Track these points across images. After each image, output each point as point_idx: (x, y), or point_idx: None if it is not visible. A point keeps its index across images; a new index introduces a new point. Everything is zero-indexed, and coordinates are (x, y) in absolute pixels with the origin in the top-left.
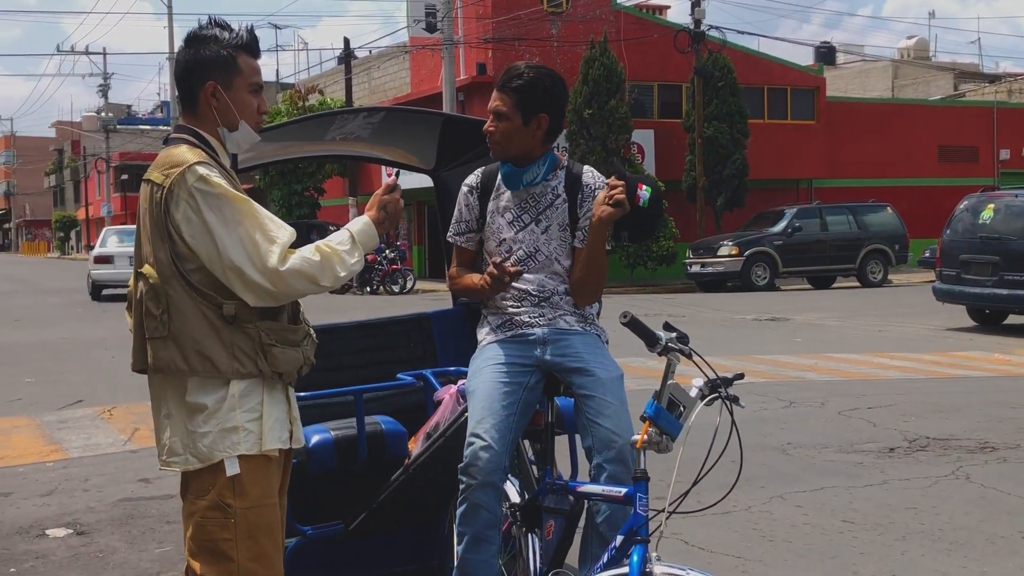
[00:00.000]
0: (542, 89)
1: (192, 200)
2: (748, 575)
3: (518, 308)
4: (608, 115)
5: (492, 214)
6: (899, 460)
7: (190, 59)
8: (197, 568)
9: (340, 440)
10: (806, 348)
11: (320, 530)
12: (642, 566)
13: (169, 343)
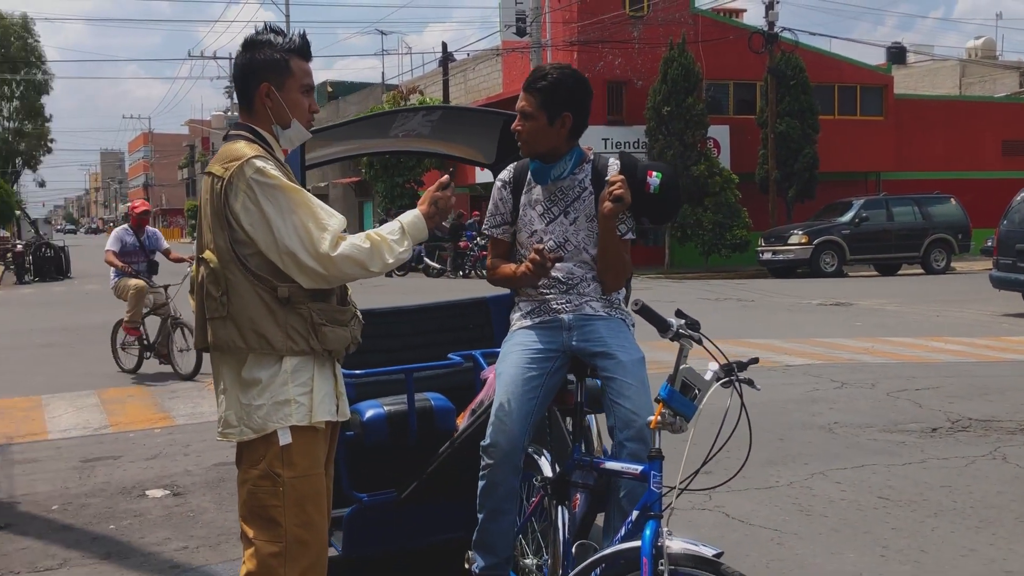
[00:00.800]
0: (566, 89)
1: (250, 191)
2: (783, 547)
3: (547, 295)
4: (685, 112)
5: (524, 207)
6: (940, 440)
7: (246, 62)
8: (250, 532)
9: (392, 415)
10: (865, 332)
11: (375, 497)
12: (654, 540)
13: (228, 323)
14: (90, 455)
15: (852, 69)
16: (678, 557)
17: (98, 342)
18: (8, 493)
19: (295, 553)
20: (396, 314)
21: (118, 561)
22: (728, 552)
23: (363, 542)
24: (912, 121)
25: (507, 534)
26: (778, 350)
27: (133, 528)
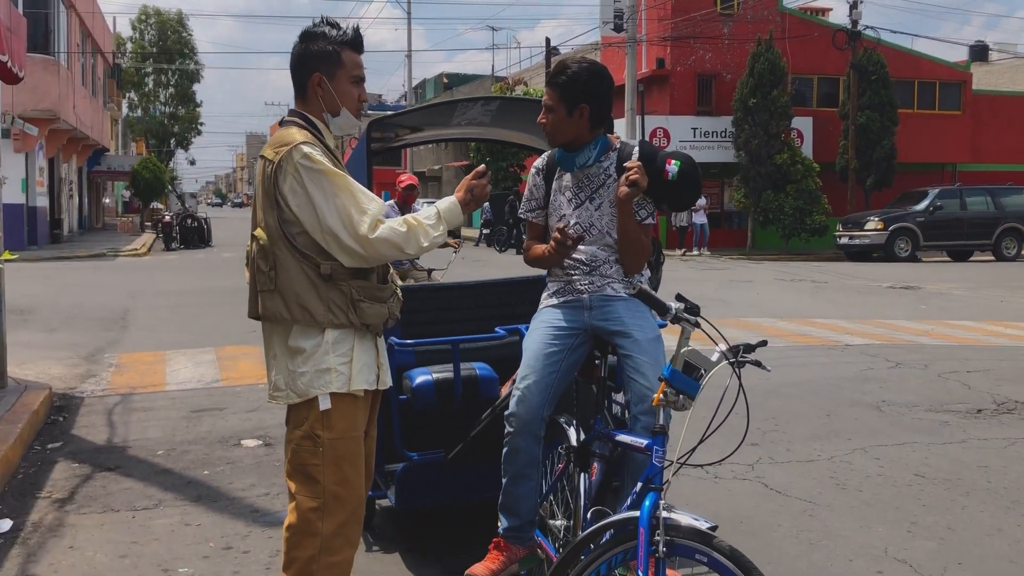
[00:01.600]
0: (582, 83)
1: (297, 174)
2: (815, 519)
3: (572, 276)
4: (771, 104)
5: (555, 193)
6: (983, 421)
7: (301, 52)
8: (292, 487)
9: (439, 382)
10: (928, 315)
11: (424, 457)
12: (652, 511)
13: (275, 295)
14: (199, 406)
15: (931, 65)
16: (673, 528)
17: (225, 304)
18: (123, 438)
19: (332, 508)
20: (459, 289)
21: (206, 504)
22: (761, 521)
23: (413, 496)
24: (989, 116)
25: (529, 498)
26: (840, 330)
27: (224, 474)
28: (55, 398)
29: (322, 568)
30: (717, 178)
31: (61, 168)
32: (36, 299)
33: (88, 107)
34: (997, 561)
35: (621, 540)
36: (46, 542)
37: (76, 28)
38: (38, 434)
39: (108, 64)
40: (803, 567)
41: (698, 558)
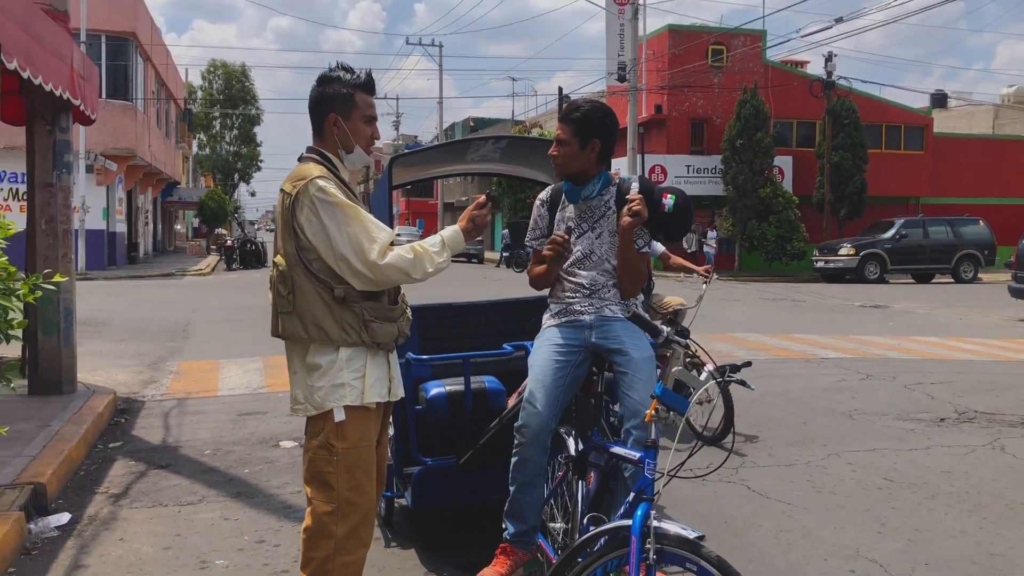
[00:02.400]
0: (595, 120)
1: (313, 206)
2: (792, 519)
3: (573, 298)
4: (755, 144)
5: (558, 223)
6: (946, 429)
7: (319, 95)
8: (309, 493)
9: (451, 394)
10: (896, 331)
11: (437, 462)
12: (644, 520)
13: (293, 317)
14: (245, 410)
15: (898, 111)
16: (663, 537)
17: None
18: (176, 438)
19: (345, 512)
20: (473, 308)
21: (244, 500)
22: (744, 521)
23: (428, 498)
24: (949, 155)
25: (535, 505)
26: (817, 344)
27: (262, 473)
28: (119, 402)
29: (336, 567)
30: (708, 209)
31: (138, 199)
32: (111, 313)
33: (162, 146)
34: (961, 562)
35: (615, 547)
36: (99, 534)
37: (152, 78)
38: (101, 434)
39: (180, 109)
40: (782, 565)
41: (688, 567)
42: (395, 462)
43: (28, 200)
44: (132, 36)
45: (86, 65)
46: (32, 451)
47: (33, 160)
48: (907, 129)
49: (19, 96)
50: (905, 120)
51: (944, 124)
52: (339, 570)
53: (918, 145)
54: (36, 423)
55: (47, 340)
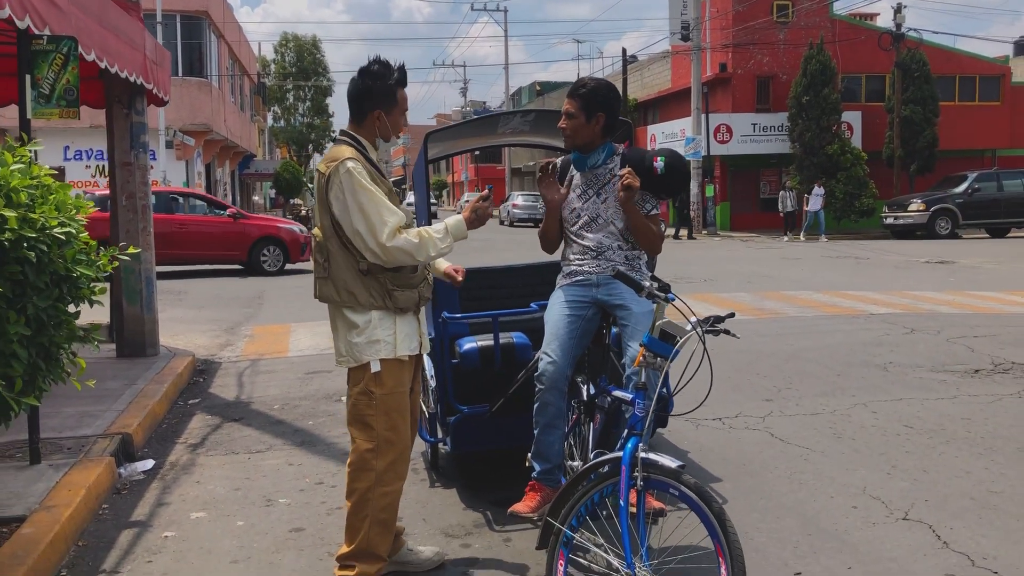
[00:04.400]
0: (600, 95)
1: (340, 185)
2: (807, 462)
3: (582, 260)
4: (822, 101)
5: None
6: (977, 380)
7: (364, 89)
8: (352, 433)
9: (483, 348)
10: (955, 287)
11: (473, 409)
12: (633, 452)
13: (328, 282)
14: (312, 369)
15: (971, 61)
16: (650, 466)
17: None
18: (248, 395)
19: (384, 449)
20: (508, 271)
21: (307, 448)
22: (761, 464)
23: (465, 442)
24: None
25: (557, 445)
26: (868, 300)
27: (325, 425)
28: (198, 363)
29: (377, 496)
30: (775, 167)
31: (216, 172)
32: (190, 283)
33: (237, 120)
34: (959, 499)
35: (610, 475)
36: (179, 478)
37: (225, 54)
38: (181, 392)
39: (254, 83)
40: (789, 502)
41: (671, 491)
42: (438, 412)
43: (110, 178)
44: (205, 15)
45: (158, 51)
46: (120, 406)
47: (113, 141)
48: (982, 80)
49: (99, 80)
50: (980, 70)
51: None
52: (379, 499)
53: (994, 96)
54: (123, 382)
55: (131, 307)
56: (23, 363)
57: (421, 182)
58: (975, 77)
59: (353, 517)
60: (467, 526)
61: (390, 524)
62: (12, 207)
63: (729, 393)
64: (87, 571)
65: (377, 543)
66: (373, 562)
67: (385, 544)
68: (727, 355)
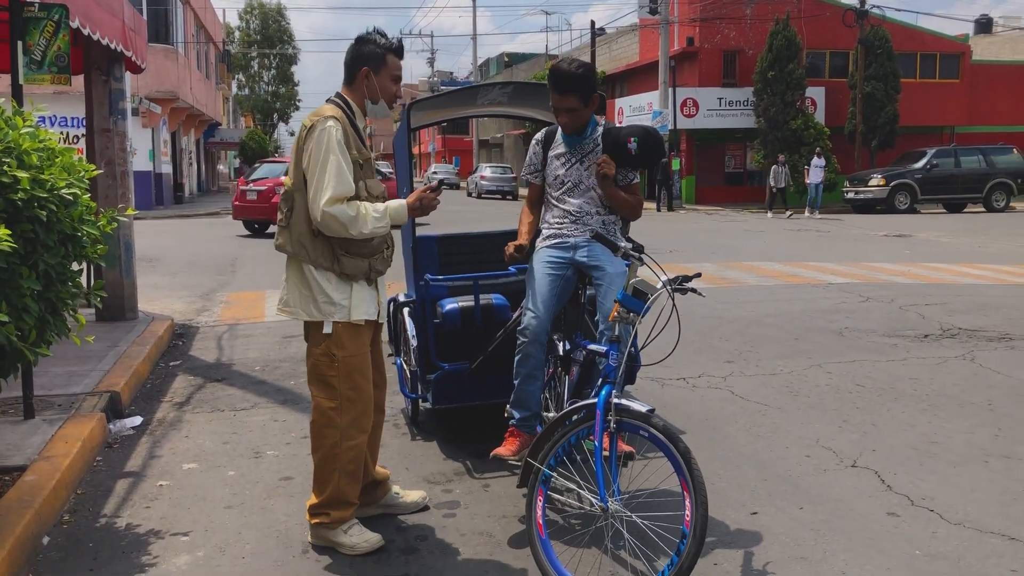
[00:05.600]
0: (591, 77)
1: (312, 140)
2: (765, 417)
3: (562, 224)
4: (787, 76)
5: (551, 159)
6: (927, 344)
7: (356, 50)
8: (313, 390)
9: (464, 309)
10: (911, 259)
11: (454, 367)
12: (607, 397)
13: (286, 232)
14: (288, 333)
15: (933, 39)
16: (623, 411)
17: None
18: (229, 357)
19: (346, 407)
20: (487, 236)
21: (290, 406)
22: (723, 419)
23: (446, 398)
24: (985, 83)
25: (536, 394)
26: (827, 271)
27: (304, 384)
28: (176, 327)
29: (344, 450)
30: (740, 142)
31: (181, 140)
32: (162, 250)
33: (203, 88)
34: (903, 449)
35: (585, 420)
36: (167, 433)
37: (191, 21)
38: (162, 354)
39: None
40: (748, 452)
41: (641, 433)
42: (419, 370)
43: (87, 145)
44: None
45: (135, 18)
46: (105, 366)
47: (91, 108)
48: (942, 57)
49: (76, 47)
50: (941, 48)
51: (987, 51)
52: (346, 452)
53: (954, 73)
54: (106, 344)
55: (110, 272)
56: (34, 316)
57: (403, 151)
58: (936, 55)
59: (321, 470)
60: (448, 474)
61: (357, 473)
62: (24, 168)
63: (693, 356)
64: (89, 516)
65: (347, 491)
66: (345, 508)
67: (354, 491)
68: (692, 321)
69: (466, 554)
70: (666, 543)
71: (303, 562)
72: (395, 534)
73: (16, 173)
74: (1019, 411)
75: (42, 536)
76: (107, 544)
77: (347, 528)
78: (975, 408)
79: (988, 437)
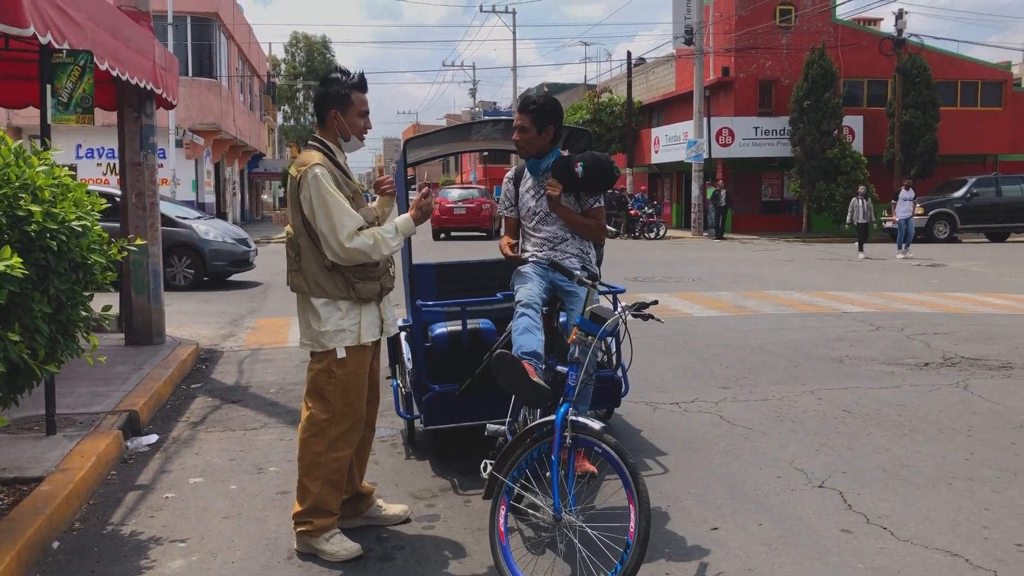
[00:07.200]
0: (549, 111)
1: (308, 189)
2: (747, 440)
3: (540, 250)
4: (823, 105)
5: (523, 194)
6: (925, 372)
7: (322, 94)
8: (308, 403)
9: (452, 333)
10: (936, 288)
11: (444, 388)
12: (565, 415)
13: (299, 274)
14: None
15: (974, 67)
16: (579, 428)
17: None
18: (247, 380)
19: (338, 420)
20: (482, 265)
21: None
22: (705, 442)
23: (437, 418)
24: None
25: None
26: (845, 300)
27: None
28: (201, 352)
29: (329, 461)
30: (776, 171)
31: (225, 170)
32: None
33: (246, 120)
34: (872, 471)
35: (545, 435)
36: (180, 450)
37: (235, 55)
38: (185, 377)
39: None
40: (721, 472)
41: (595, 449)
42: (414, 391)
43: (120, 176)
44: (215, 16)
45: (167, 57)
46: (128, 388)
47: (124, 142)
48: (984, 85)
49: (111, 84)
50: (983, 75)
51: None
52: (331, 463)
53: (996, 101)
54: (131, 367)
55: (139, 298)
56: (45, 337)
57: (401, 184)
58: (977, 82)
59: (305, 478)
60: (434, 490)
61: (340, 484)
62: (38, 203)
63: (690, 381)
64: (97, 524)
65: (329, 501)
66: (327, 516)
67: (336, 501)
68: (696, 348)
69: (438, 562)
70: (612, 552)
71: (287, 567)
72: (375, 544)
73: (31, 207)
74: (995, 436)
75: (52, 541)
76: (111, 549)
77: (329, 536)
78: (953, 433)
79: (958, 461)
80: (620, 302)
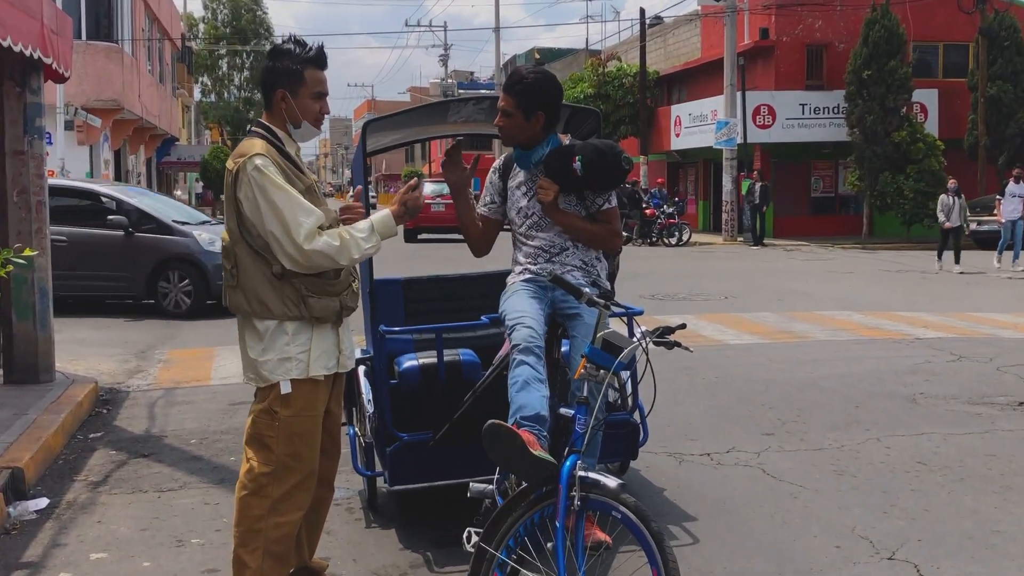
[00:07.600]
0: (538, 91)
1: (249, 184)
2: (796, 500)
3: (535, 262)
4: (887, 75)
5: (512, 190)
6: (1020, 413)
7: (268, 69)
8: (248, 452)
9: (424, 366)
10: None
11: (414, 437)
12: (571, 470)
13: (238, 291)
14: (237, 399)
15: None
16: (590, 486)
17: None
18: (161, 428)
19: (282, 475)
20: (462, 280)
21: (227, 486)
22: (744, 502)
23: (405, 476)
24: None
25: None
26: (919, 323)
27: None
28: (101, 392)
29: (270, 527)
30: (829, 159)
31: (128, 160)
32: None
33: (155, 95)
34: (957, 538)
35: (548, 496)
36: (77, 517)
37: (141, 13)
38: (81, 424)
39: (177, 48)
40: (766, 541)
41: (613, 514)
42: (375, 442)
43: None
44: None
45: (59, 17)
46: (9, 438)
47: (3, 126)
48: None
49: None
50: None
51: None
52: (272, 530)
53: None
54: (13, 411)
55: (21, 324)
56: None
57: (360, 175)
58: None
59: (241, 549)
60: (402, 567)
61: (285, 557)
62: None
63: (726, 426)
64: None
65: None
66: None
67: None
68: (732, 383)
69: None
70: None
71: None
72: None
73: None
74: None
75: None
76: None
77: None
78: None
79: None
80: (638, 326)
